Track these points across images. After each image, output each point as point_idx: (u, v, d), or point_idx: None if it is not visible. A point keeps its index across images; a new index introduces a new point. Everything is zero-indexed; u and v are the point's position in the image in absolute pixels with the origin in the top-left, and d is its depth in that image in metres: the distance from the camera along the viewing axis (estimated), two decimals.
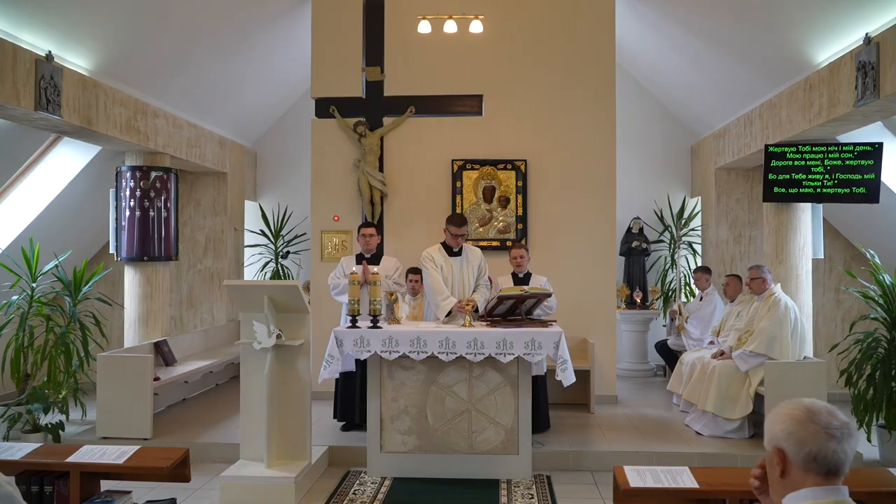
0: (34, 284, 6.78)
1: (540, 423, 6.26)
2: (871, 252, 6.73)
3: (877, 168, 6.54)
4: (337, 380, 6.32)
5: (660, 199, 10.03)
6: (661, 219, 9.94)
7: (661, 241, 9.93)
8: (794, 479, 1.76)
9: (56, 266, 6.95)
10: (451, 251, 6.20)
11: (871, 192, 6.58)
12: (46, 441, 6.19)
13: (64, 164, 7.80)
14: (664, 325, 9.21)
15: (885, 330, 6.31)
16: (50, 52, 5.84)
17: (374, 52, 7.92)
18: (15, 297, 6.74)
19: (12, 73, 5.44)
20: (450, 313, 5.99)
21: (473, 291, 6.17)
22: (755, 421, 6.28)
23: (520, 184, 7.83)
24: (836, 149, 6.65)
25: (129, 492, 3.73)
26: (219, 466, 5.58)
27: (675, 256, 9.71)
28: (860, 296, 6.72)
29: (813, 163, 6.73)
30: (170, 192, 7.82)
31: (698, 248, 9.86)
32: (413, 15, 7.64)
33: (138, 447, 3.79)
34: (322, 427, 6.53)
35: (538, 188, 7.86)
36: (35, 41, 5.71)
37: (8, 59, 5.40)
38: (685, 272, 9.63)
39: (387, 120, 7.89)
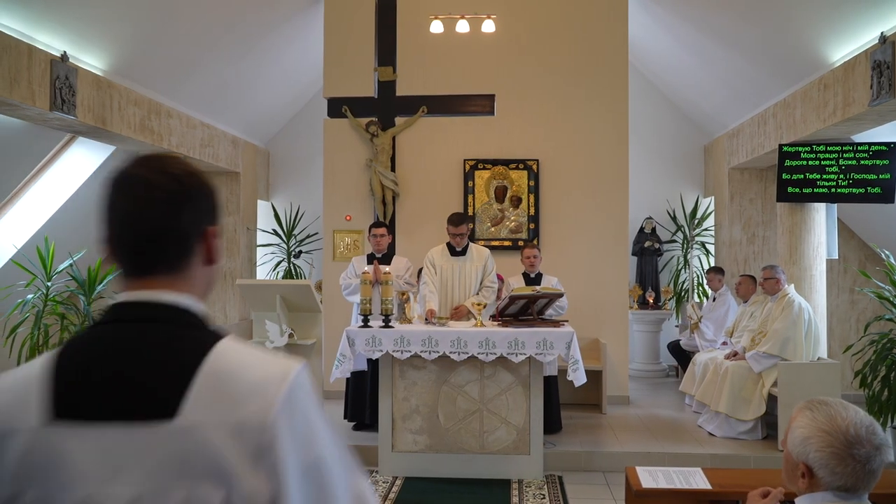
0: (49, 283, 6.84)
1: (551, 424, 6.24)
2: (887, 252, 6.67)
3: (892, 168, 6.48)
4: (347, 379, 6.32)
5: (672, 198, 9.98)
6: (674, 219, 9.90)
7: (674, 241, 9.88)
8: (815, 488, 1.73)
9: (71, 265, 7.00)
10: (454, 250, 6.18)
11: (887, 192, 6.52)
12: None
13: (79, 163, 7.85)
14: (676, 326, 9.14)
15: None
16: (65, 52, 5.89)
17: (386, 51, 7.93)
18: (30, 296, 6.79)
19: (28, 74, 5.48)
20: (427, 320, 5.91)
21: (476, 293, 6.14)
22: (768, 422, 6.25)
23: (532, 183, 7.82)
24: (851, 148, 6.60)
25: None
26: None
27: (688, 257, 9.67)
28: (875, 296, 6.66)
29: (827, 163, 6.68)
30: None
31: (711, 248, 9.81)
32: (425, 15, 7.65)
33: None
34: (333, 426, 6.54)
35: (550, 188, 7.85)
36: (50, 41, 5.76)
37: (23, 60, 5.45)
38: (698, 272, 9.58)
39: (399, 120, 7.90)
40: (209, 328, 1.14)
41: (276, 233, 10.18)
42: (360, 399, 6.47)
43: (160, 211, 1.12)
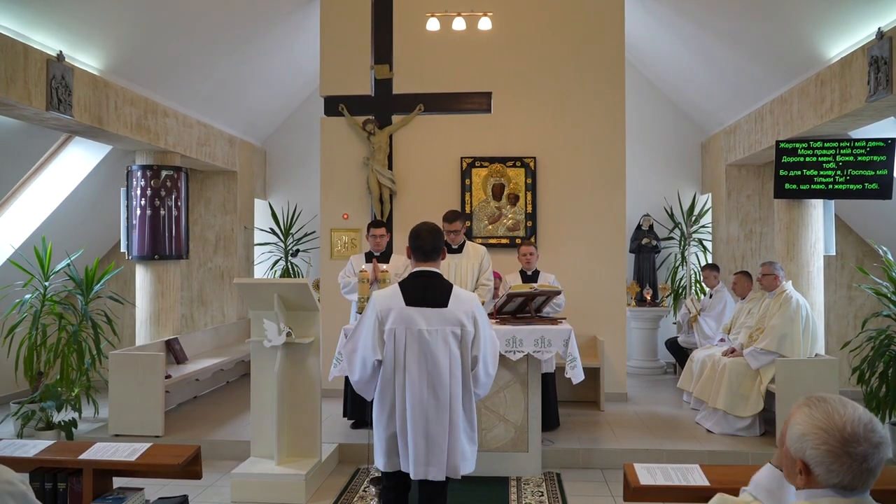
0: (46, 283, 6.83)
1: (549, 421, 6.25)
2: (884, 248, 6.69)
3: (889, 164, 6.49)
4: (346, 378, 6.31)
5: (670, 195, 9.99)
6: (672, 216, 9.90)
7: (672, 238, 9.89)
8: (813, 485, 1.72)
9: (68, 265, 6.99)
10: (450, 248, 6.18)
11: (884, 187, 6.53)
12: (59, 438, 6.23)
13: (75, 163, 7.84)
14: (674, 323, 9.12)
15: None
16: (61, 52, 5.87)
17: (382, 49, 7.92)
18: (28, 296, 6.79)
19: (24, 73, 5.47)
20: None
21: (474, 290, 6.12)
22: (766, 419, 6.26)
23: (529, 181, 7.82)
24: (849, 144, 6.61)
25: (140, 489, 3.74)
26: (230, 464, 5.62)
27: (686, 253, 9.68)
28: (872, 293, 6.68)
29: (825, 159, 6.68)
30: (180, 191, 7.85)
31: (709, 244, 9.81)
32: (422, 12, 7.64)
33: (150, 444, 3.81)
34: (332, 425, 6.55)
35: (548, 185, 7.85)
36: (46, 41, 5.75)
37: (20, 60, 5.44)
38: (695, 269, 9.59)
39: (396, 118, 7.90)
40: (448, 281, 3.59)
41: (273, 232, 10.17)
42: (360, 397, 6.44)
43: (434, 240, 3.56)
